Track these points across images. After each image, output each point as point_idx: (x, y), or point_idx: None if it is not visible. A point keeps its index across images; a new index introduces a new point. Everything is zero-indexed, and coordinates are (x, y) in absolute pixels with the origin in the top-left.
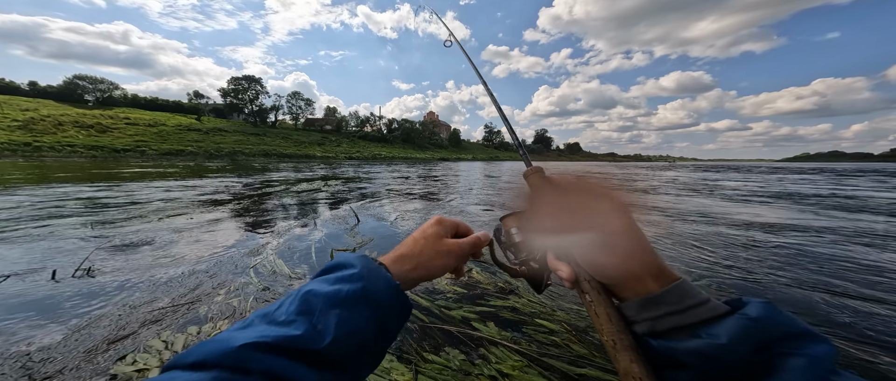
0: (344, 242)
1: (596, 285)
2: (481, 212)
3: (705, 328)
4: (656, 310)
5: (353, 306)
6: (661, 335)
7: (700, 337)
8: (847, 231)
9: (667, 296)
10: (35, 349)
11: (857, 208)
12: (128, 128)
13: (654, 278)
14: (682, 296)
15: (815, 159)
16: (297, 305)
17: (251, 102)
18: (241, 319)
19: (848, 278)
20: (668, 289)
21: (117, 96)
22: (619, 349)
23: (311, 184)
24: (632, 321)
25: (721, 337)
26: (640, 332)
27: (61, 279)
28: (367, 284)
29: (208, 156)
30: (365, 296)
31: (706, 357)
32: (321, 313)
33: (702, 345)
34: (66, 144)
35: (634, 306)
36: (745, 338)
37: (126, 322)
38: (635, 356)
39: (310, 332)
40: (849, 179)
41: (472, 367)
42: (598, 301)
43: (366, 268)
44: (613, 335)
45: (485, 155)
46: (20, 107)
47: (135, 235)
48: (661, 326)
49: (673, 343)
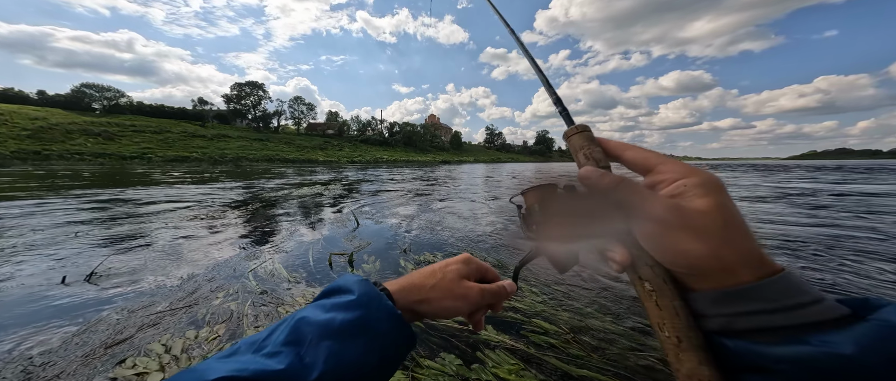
0: (343, 246)
1: (661, 273)
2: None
3: (817, 334)
4: (742, 306)
5: (348, 337)
6: (740, 335)
7: (807, 344)
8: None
9: (764, 290)
10: (36, 353)
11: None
12: (134, 135)
13: (750, 268)
14: (785, 291)
15: (823, 157)
16: (286, 334)
17: (254, 107)
18: (236, 319)
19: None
20: (768, 281)
21: (123, 104)
22: (685, 348)
23: (312, 188)
24: (701, 314)
25: (843, 346)
26: (711, 328)
27: (71, 283)
28: (366, 312)
29: (213, 162)
30: (363, 326)
31: (813, 370)
32: (311, 345)
33: (812, 353)
34: (74, 152)
35: (709, 298)
36: (880, 349)
37: (123, 326)
38: (705, 357)
39: (295, 366)
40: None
41: (468, 372)
42: (663, 292)
43: (365, 295)
44: (680, 332)
45: (487, 157)
46: (29, 116)
47: (137, 239)
48: (745, 324)
49: (761, 347)
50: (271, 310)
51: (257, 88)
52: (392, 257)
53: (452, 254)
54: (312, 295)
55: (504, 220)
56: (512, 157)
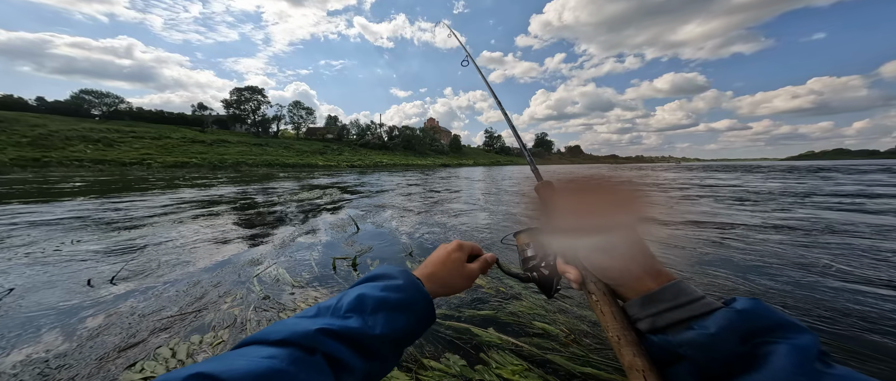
0: (344, 251)
1: (601, 287)
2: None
3: (697, 322)
4: (655, 306)
5: (397, 310)
6: (661, 331)
7: (692, 329)
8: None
9: (664, 293)
10: (52, 356)
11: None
12: (134, 141)
13: (652, 278)
14: (678, 293)
15: (821, 157)
16: (353, 303)
17: (253, 112)
18: (240, 325)
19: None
20: (664, 287)
21: (123, 110)
22: (623, 344)
23: (311, 193)
24: (635, 318)
25: (710, 328)
26: (643, 329)
27: (96, 286)
28: (409, 295)
29: (212, 167)
30: (407, 305)
31: (698, 347)
32: (371, 313)
33: (694, 336)
34: (73, 158)
35: (636, 304)
36: (731, 328)
37: (137, 330)
38: (638, 351)
39: (363, 326)
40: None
41: (472, 372)
42: (604, 301)
43: (409, 282)
44: (618, 332)
45: (486, 160)
46: (29, 123)
47: (142, 244)
48: (661, 322)
49: (670, 337)
50: (273, 315)
51: (257, 93)
52: (395, 261)
53: None
54: (315, 299)
55: (504, 220)
56: (511, 159)
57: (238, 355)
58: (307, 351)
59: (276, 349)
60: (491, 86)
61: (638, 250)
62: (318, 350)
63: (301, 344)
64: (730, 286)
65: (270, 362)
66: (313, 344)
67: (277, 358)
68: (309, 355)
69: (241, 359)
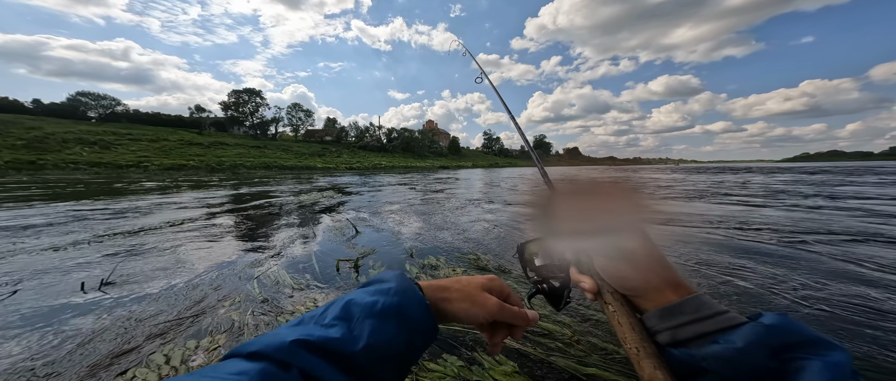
0: (344, 253)
1: (618, 297)
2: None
3: (722, 335)
4: (677, 319)
5: (386, 317)
6: (682, 344)
7: (718, 343)
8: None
9: (685, 306)
10: (40, 363)
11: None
12: (131, 144)
13: (672, 289)
14: (700, 306)
15: (816, 159)
16: (339, 311)
17: (251, 114)
18: (238, 329)
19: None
20: (686, 299)
21: (120, 112)
22: (643, 357)
23: (310, 196)
24: (653, 330)
25: (736, 342)
26: (663, 342)
27: (89, 291)
28: (402, 300)
29: (210, 169)
30: (398, 311)
31: (724, 361)
32: (358, 321)
33: (719, 350)
34: (70, 161)
35: (655, 315)
36: (759, 343)
37: (132, 336)
38: (658, 363)
39: (346, 336)
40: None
41: (470, 373)
42: (621, 311)
43: (402, 286)
44: (636, 344)
45: (485, 162)
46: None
47: (142, 247)
48: (683, 334)
49: (693, 351)
50: (271, 319)
51: (255, 95)
52: (398, 263)
53: (457, 257)
54: (314, 303)
55: (504, 221)
56: (510, 161)
57: (212, 369)
58: (281, 366)
59: (248, 363)
60: (506, 103)
61: (656, 261)
62: (294, 366)
63: (274, 358)
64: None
65: (237, 379)
66: (288, 358)
67: (246, 375)
68: (282, 370)
69: (206, 378)
